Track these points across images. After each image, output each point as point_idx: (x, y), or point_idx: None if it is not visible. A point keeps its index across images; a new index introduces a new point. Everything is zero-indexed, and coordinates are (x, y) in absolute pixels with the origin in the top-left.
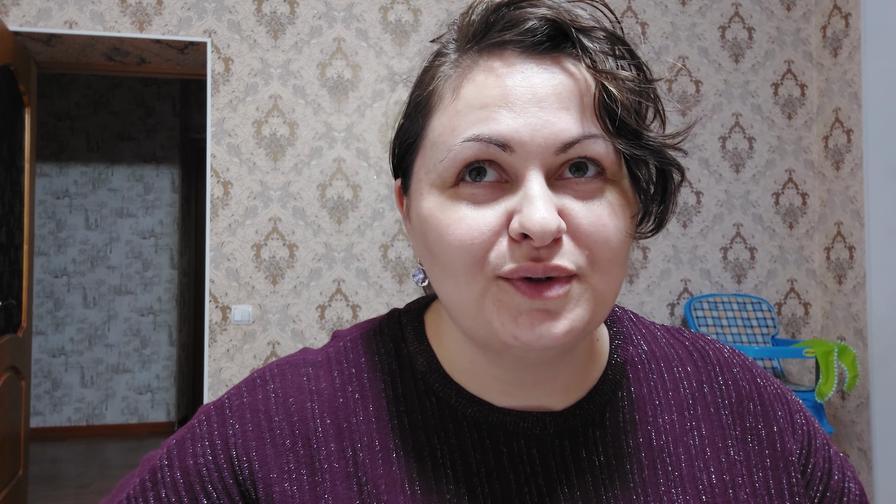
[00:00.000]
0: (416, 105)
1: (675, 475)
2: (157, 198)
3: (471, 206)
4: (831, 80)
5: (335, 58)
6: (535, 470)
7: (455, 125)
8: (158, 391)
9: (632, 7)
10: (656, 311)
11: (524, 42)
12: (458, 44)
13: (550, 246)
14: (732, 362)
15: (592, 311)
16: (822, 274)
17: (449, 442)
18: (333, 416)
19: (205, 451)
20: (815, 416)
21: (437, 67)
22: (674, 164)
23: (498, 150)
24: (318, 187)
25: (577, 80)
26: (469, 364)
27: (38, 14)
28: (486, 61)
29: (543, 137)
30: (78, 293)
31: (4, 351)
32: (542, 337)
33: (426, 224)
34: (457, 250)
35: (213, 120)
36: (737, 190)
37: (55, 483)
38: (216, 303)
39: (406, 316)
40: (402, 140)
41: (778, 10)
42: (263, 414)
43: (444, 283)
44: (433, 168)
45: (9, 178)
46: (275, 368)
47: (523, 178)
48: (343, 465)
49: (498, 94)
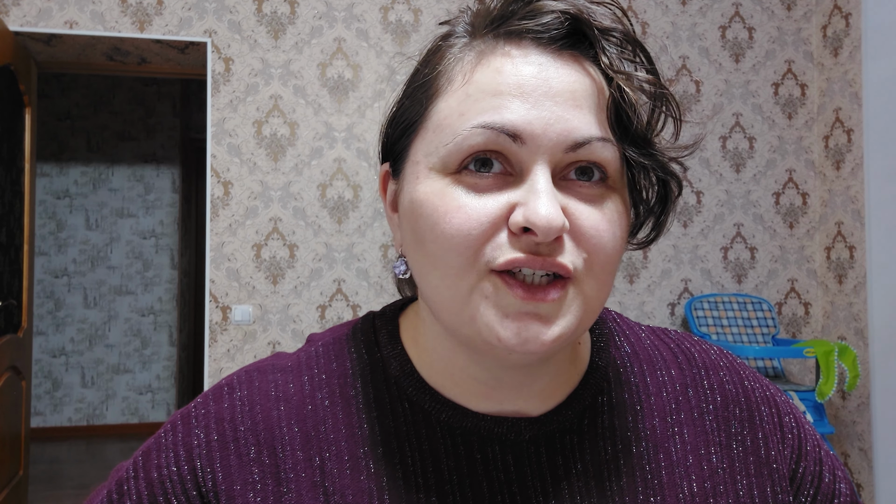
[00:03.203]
0: (421, 86)
1: (655, 483)
2: (157, 198)
3: (471, 194)
4: (832, 80)
5: (336, 58)
6: (509, 477)
7: (464, 109)
8: (159, 391)
9: (632, 7)
10: (657, 311)
11: (543, 34)
12: (473, 27)
13: (551, 243)
14: (719, 364)
15: (581, 319)
16: (823, 274)
17: (421, 448)
18: (301, 424)
19: (168, 463)
20: (816, 416)
21: (448, 48)
22: (675, 176)
23: (508, 140)
24: (318, 187)
25: (593, 81)
26: (446, 365)
27: (39, 14)
28: (504, 47)
29: (556, 133)
30: (78, 293)
31: (4, 351)
32: (527, 342)
33: (420, 209)
34: (452, 239)
35: (213, 120)
36: (737, 190)
37: (55, 483)
38: (216, 303)
39: (380, 319)
40: (399, 121)
41: (778, 10)
42: (229, 423)
43: (430, 275)
44: (434, 151)
45: (9, 178)
46: (243, 375)
47: (529, 172)
48: (310, 474)
49: (514, 82)
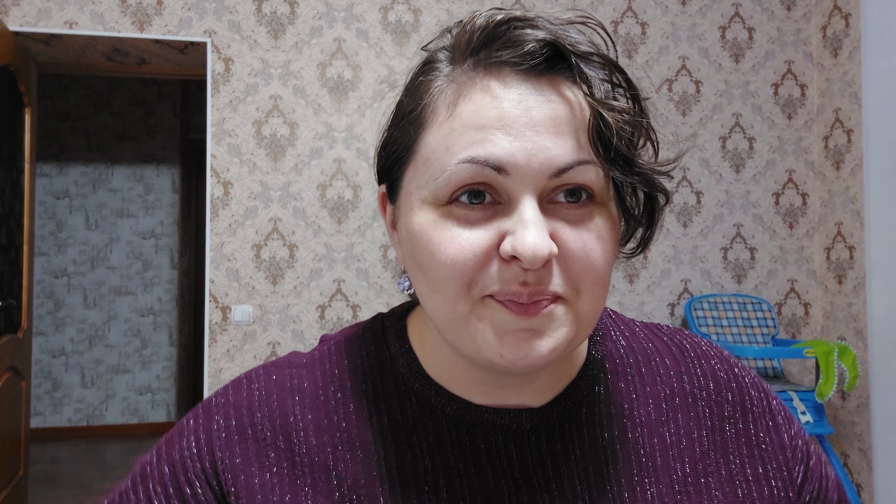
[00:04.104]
0: (408, 117)
1: (649, 466)
2: (157, 198)
3: (463, 226)
4: (831, 81)
5: (335, 58)
6: (511, 464)
7: (450, 143)
8: (159, 391)
9: (632, 7)
10: (656, 311)
11: (522, 64)
12: (453, 56)
13: (540, 269)
14: (710, 354)
15: (576, 331)
16: (823, 274)
17: (428, 439)
18: (315, 413)
19: (189, 445)
20: (815, 416)
21: (431, 81)
22: (661, 189)
23: (493, 172)
24: (318, 187)
25: (572, 106)
26: (450, 365)
27: (39, 14)
28: (484, 80)
29: (538, 162)
30: (78, 293)
31: (4, 351)
32: (526, 356)
33: (417, 239)
34: (448, 269)
35: (213, 120)
36: (737, 190)
37: (55, 483)
38: (216, 303)
39: (389, 319)
40: (391, 150)
41: (778, 11)
42: (246, 410)
43: (430, 298)
44: (425, 185)
45: (9, 178)
46: (261, 370)
47: (517, 202)
48: (323, 458)
49: (495, 115)
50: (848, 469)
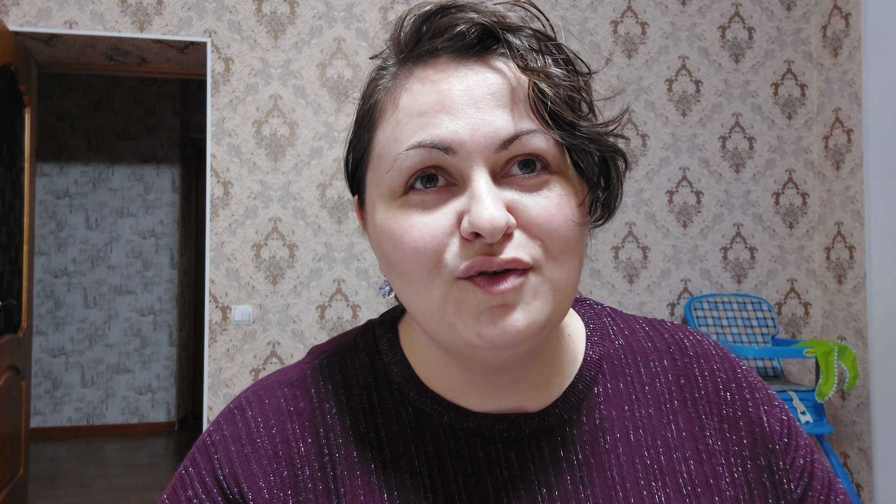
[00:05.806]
0: (361, 119)
1: (655, 469)
2: (157, 198)
3: (421, 211)
4: (831, 80)
5: (335, 58)
6: (513, 473)
7: (398, 135)
8: (159, 391)
9: (632, 7)
10: (656, 311)
11: (455, 47)
12: (396, 56)
13: (502, 241)
14: (711, 354)
15: (553, 304)
16: (822, 274)
17: (426, 451)
18: (314, 435)
19: (197, 493)
20: (815, 416)
21: (377, 81)
22: (615, 150)
23: (441, 153)
24: (318, 187)
25: (509, 79)
26: (442, 370)
27: (39, 14)
28: (421, 70)
29: (482, 136)
30: (78, 293)
31: (4, 351)
32: (504, 332)
33: (381, 235)
34: (412, 256)
35: (213, 120)
36: (737, 190)
37: (55, 483)
38: (216, 303)
39: (380, 327)
40: (354, 154)
41: (778, 10)
42: (246, 439)
43: (406, 292)
44: (381, 180)
45: (9, 178)
46: (250, 395)
47: (469, 179)
48: (325, 483)
49: (434, 99)
50: (848, 469)
